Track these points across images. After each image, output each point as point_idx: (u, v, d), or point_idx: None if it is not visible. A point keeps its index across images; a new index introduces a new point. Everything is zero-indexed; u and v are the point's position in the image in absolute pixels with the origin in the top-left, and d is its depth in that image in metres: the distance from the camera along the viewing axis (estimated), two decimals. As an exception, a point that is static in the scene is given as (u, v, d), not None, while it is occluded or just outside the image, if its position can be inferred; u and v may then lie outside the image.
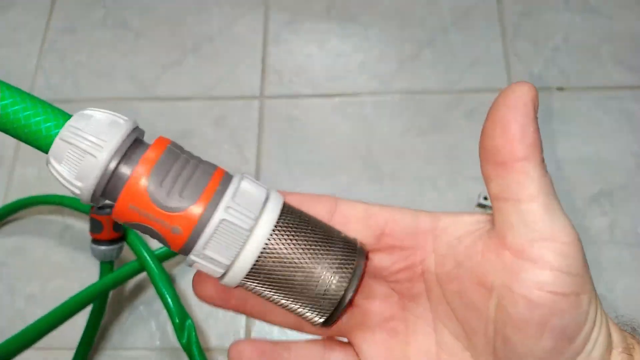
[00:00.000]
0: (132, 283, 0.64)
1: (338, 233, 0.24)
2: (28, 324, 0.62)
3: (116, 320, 0.62)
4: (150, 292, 0.63)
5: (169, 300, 0.57)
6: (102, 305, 0.60)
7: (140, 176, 0.21)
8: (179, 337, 0.56)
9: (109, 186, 0.21)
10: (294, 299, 0.23)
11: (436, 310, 0.24)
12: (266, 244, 0.22)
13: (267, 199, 0.23)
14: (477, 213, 0.24)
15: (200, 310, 0.62)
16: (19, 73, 0.77)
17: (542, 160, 0.21)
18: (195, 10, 0.79)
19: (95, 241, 0.58)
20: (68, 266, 0.66)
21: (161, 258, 0.61)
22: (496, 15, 0.75)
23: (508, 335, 0.21)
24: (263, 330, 0.60)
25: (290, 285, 0.23)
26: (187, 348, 0.55)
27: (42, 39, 0.79)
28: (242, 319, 0.61)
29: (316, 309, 0.23)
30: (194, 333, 0.56)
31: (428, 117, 0.70)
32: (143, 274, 0.61)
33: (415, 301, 0.25)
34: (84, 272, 0.64)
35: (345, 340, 0.26)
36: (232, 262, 0.22)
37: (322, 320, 0.24)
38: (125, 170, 0.21)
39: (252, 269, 0.22)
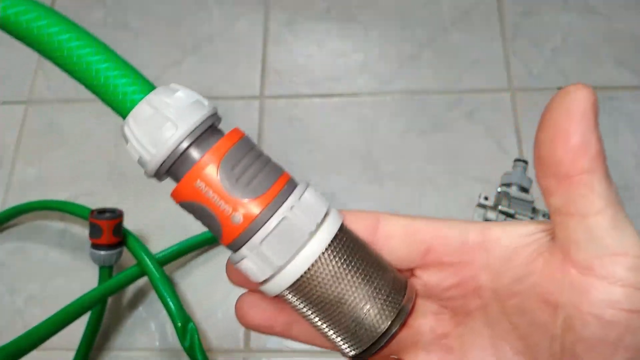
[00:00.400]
0: (131, 284, 0.64)
1: (390, 268, 0.23)
2: (27, 324, 0.62)
3: (116, 321, 0.62)
4: (150, 293, 0.63)
5: (171, 304, 0.57)
6: (101, 309, 0.60)
7: (214, 156, 0.21)
8: (182, 341, 0.56)
9: (179, 160, 0.22)
10: (332, 323, 0.22)
11: (494, 326, 0.23)
12: (319, 257, 0.21)
13: (328, 211, 0.22)
14: (530, 223, 0.23)
15: (200, 312, 0.62)
16: (19, 73, 0.77)
17: (607, 171, 0.20)
18: (195, 10, 0.79)
19: (95, 246, 0.58)
20: (68, 267, 0.66)
21: (162, 262, 0.61)
22: (496, 15, 0.75)
23: (578, 354, 0.20)
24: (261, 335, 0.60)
25: (331, 309, 0.22)
26: (190, 352, 0.55)
27: (42, 39, 0.79)
28: (242, 319, 0.61)
29: (351, 340, 0.23)
30: (196, 336, 0.56)
31: (428, 117, 0.70)
32: (143, 277, 0.61)
33: (470, 317, 0.24)
34: (84, 273, 0.64)
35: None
36: (283, 266, 0.21)
37: (353, 353, 0.23)
38: (199, 149, 0.21)
39: (298, 279, 0.21)
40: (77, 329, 0.58)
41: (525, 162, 0.59)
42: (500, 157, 0.67)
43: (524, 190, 0.56)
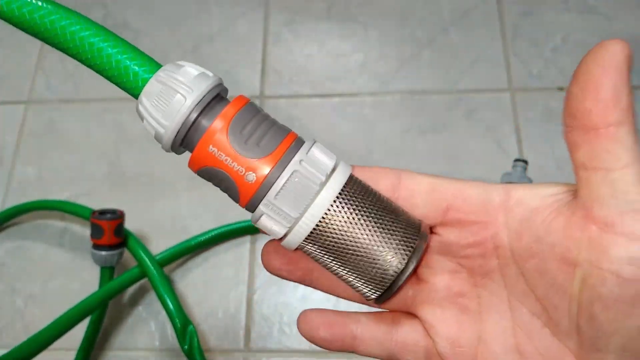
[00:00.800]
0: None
1: (402, 211, 0.24)
2: (27, 324, 0.62)
3: (116, 321, 0.62)
4: (150, 293, 0.63)
5: (171, 305, 0.57)
6: (102, 309, 0.60)
7: (222, 121, 0.22)
8: (181, 343, 0.56)
9: (191, 131, 0.23)
10: (350, 269, 0.23)
11: (512, 287, 0.23)
12: (331, 206, 0.22)
13: (336, 165, 0.23)
14: (553, 184, 0.22)
15: (199, 311, 0.62)
16: (19, 73, 0.77)
17: (635, 126, 0.19)
18: (195, 10, 0.79)
19: (96, 246, 0.58)
20: (68, 266, 0.66)
21: (162, 263, 0.61)
22: (496, 15, 0.75)
23: (595, 314, 0.19)
24: (263, 331, 0.60)
25: (348, 255, 0.23)
26: (189, 354, 0.56)
27: (42, 39, 0.79)
28: (241, 319, 0.61)
29: (370, 283, 0.23)
30: (196, 339, 0.56)
31: (428, 117, 0.70)
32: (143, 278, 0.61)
33: (488, 277, 0.23)
34: (84, 273, 0.65)
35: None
36: (298, 219, 0.22)
37: (375, 296, 0.23)
38: (208, 116, 0.23)
39: (313, 231, 0.22)
40: (79, 329, 0.58)
41: (525, 162, 0.59)
42: (500, 157, 0.67)
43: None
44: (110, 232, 0.57)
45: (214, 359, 0.60)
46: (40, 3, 0.23)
